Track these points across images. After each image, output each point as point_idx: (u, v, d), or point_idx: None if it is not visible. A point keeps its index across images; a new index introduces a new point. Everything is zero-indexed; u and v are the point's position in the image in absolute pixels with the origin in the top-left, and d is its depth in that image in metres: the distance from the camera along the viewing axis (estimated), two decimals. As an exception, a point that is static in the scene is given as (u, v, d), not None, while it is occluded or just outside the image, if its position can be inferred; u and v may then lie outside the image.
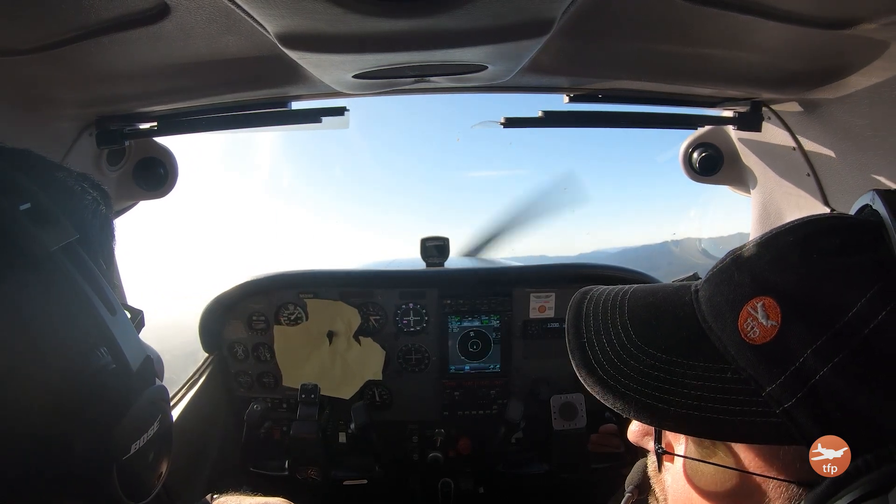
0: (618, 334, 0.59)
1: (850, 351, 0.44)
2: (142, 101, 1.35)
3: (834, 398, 0.45)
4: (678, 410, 0.51)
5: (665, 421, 0.52)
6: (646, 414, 0.53)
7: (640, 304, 0.61)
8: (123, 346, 0.57)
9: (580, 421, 1.83)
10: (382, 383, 2.09)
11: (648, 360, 0.55)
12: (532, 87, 1.43)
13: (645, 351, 0.56)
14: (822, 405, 0.45)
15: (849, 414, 0.45)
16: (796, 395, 0.46)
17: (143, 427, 0.59)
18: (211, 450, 1.93)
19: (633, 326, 0.59)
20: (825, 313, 0.46)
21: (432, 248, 2.17)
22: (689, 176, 1.73)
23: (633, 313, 0.60)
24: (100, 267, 0.62)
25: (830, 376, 0.45)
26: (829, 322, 0.45)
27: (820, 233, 0.51)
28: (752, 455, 0.51)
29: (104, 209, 0.67)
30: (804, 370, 0.46)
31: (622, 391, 0.55)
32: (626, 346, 0.57)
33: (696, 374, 0.52)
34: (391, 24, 0.84)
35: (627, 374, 0.55)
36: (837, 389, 0.45)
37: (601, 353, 0.58)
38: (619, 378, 0.55)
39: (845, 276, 0.47)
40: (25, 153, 0.62)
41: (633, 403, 0.54)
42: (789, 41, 1.01)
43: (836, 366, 0.44)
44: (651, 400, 0.53)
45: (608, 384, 0.56)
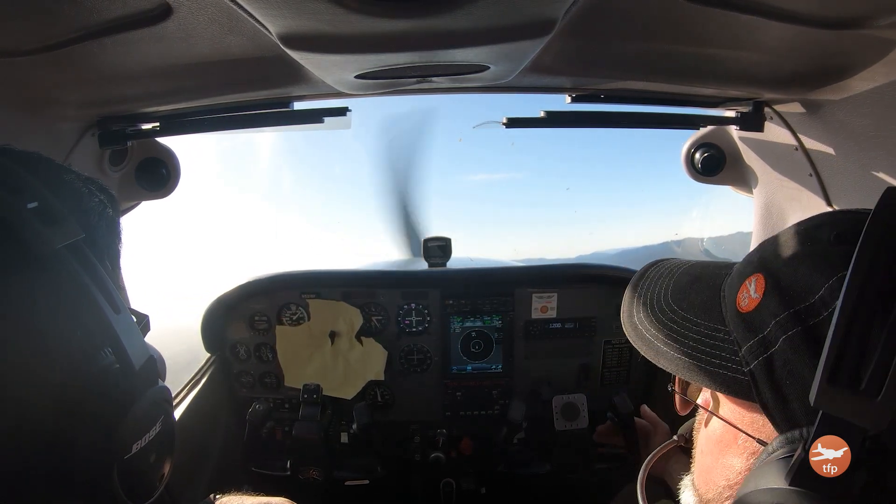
0: (658, 293, 0.70)
1: (803, 328, 0.49)
2: (144, 102, 1.35)
3: (785, 367, 0.50)
4: (674, 354, 0.61)
5: (661, 359, 0.63)
6: (651, 351, 0.65)
7: (686, 273, 0.72)
8: (127, 346, 0.57)
9: (582, 421, 1.83)
10: (384, 384, 2.09)
11: (670, 314, 0.65)
12: (534, 87, 1.43)
13: (671, 307, 0.66)
14: (775, 372, 0.51)
15: (796, 383, 0.49)
16: (758, 359, 0.53)
17: (145, 427, 0.59)
18: (213, 450, 1.93)
19: (672, 289, 0.69)
20: (795, 292, 0.51)
21: (434, 248, 2.17)
22: (691, 176, 1.73)
23: (677, 280, 0.71)
24: (105, 268, 0.62)
25: (785, 347, 0.50)
26: (796, 300, 0.51)
27: (824, 224, 0.55)
28: (732, 410, 0.59)
29: (111, 212, 0.68)
30: (768, 338, 0.52)
31: (642, 331, 0.67)
32: (660, 302, 0.68)
33: (698, 330, 0.61)
34: (393, 25, 0.84)
35: (652, 321, 0.67)
36: (788, 360, 0.50)
37: (640, 304, 0.71)
38: (645, 322, 0.68)
39: (819, 263, 0.51)
40: (34, 155, 0.63)
41: (646, 342, 0.66)
42: (792, 41, 1.01)
43: (789, 338, 0.50)
44: (658, 342, 0.64)
45: (637, 327, 0.69)
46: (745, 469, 0.57)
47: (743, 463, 0.57)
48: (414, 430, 2.11)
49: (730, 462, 0.59)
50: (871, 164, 1.19)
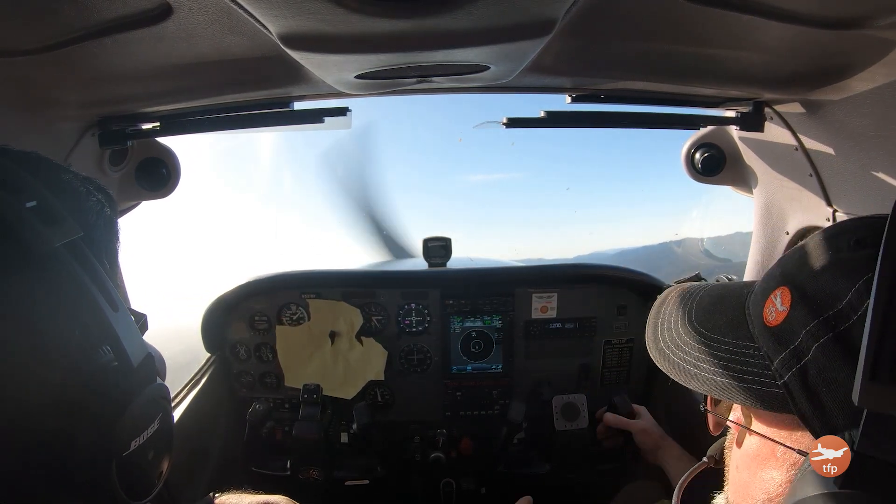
0: (682, 316, 0.71)
1: (834, 334, 0.50)
2: (144, 102, 1.35)
3: (820, 375, 0.50)
4: (706, 375, 0.62)
5: (692, 381, 0.63)
6: (682, 375, 0.65)
7: (708, 295, 0.73)
8: (125, 344, 0.57)
9: (582, 421, 1.84)
10: (384, 384, 2.09)
11: (697, 336, 0.66)
12: (534, 87, 1.43)
13: (697, 329, 0.67)
14: (809, 381, 0.51)
15: (832, 389, 0.49)
16: (791, 370, 0.53)
17: (143, 424, 0.59)
18: (213, 449, 1.93)
19: (696, 311, 0.70)
20: (822, 300, 0.52)
21: (434, 248, 2.17)
22: (691, 176, 1.73)
23: (699, 301, 0.72)
24: (104, 266, 0.63)
25: (818, 355, 0.50)
26: (824, 308, 0.51)
27: (842, 231, 0.56)
28: (768, 424, 0.59)
29: (109, 211, 0.68)
30: (800, 349, 0.52)
31: (669, 355, 0.68)
32: (686, 325, 0.69)
33: (727, 349, 0.61)
34: (393, 25, 0.84)
35: (678, 345, 0.67)
36: (822, 367, 0.50)
37: (665, 327, 0.72)
38: (672, 347, 0.68)
39: (843, 269, 0.52)
40: (33, 155, 0.63)
41: (675, 366, 0.66)
42: (792, 41, 1.01)
43: (821, 346, 0.50)
44: (688, 365, 0.64)
45: (664, 351, 0.69)
46: (787, 481, 0.56)
47: (783, 475, 0.57)
48: (414, 430, 2.11)
49: (769, 476, 0.58)
50: (871, 165, 1.19)
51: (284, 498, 1.03)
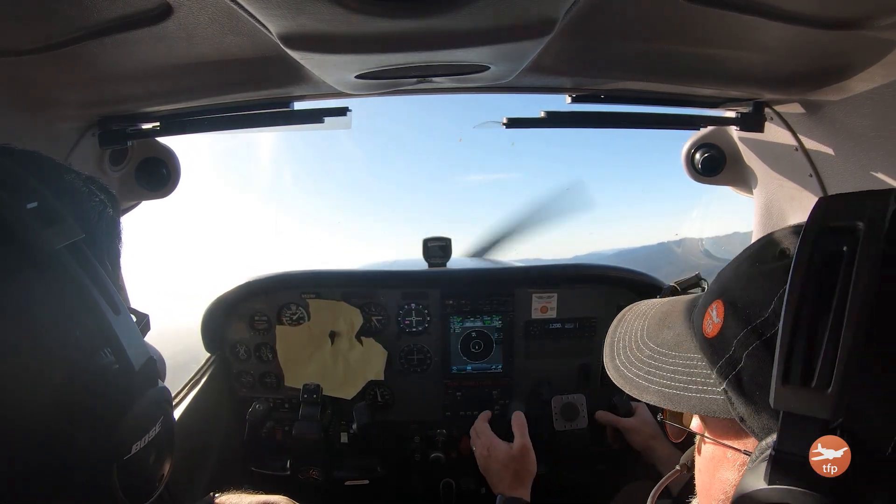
0: (635, 334, 0.75)
1: (762, 341, 0.53)
2: (144, 102, 1.35)
3: (752, 380, 0.53)
4: (657, 388, 0.65)
5: (645, 394, 0.67)
6: (636, 389, 0.68)
7: (658, 311, 0.76)
8: (127, 346, 0.57)
9: (581, 422, 1.84)
10: (384, 383, 2.09)
11: (647, 352, 0.70)
12: (534, 87, 1.43)
13: (647, 345, 0.71)
14: (744, 386, 0.54)
15: (763, 393, 0.51)
16: (728, 378, 0.56)
17: (144, 427, 0.58)
18: (213, 449, 1.93)
19: (647, 328, 0.74)
20: (751, 310, 0.55)
21: (434, 248, 2.17)
22: (691, 176, 1.73)
23: (650, 318, 0.75)
24: (105, 268, 0.62)
25: (749, 362, 0.54)
26: (752, 317, 0.54)
27: (770, 243, 0.60)
28: (718, 429, 0.62)
29: (111, 211, 0.68)
30: (733, 357, 0.55)
31: (624, 372, 0.71)
32: (637, 342, 0.73)
33: (674, 362, 0.65)
34: (393, 25, 0.84)
35: (632, 361, 0.71)
36: (753, 373, 0.53)
37: (620, 346, 0.75)
38: (626, 364, 0.72)
39: (768, 279, 0.55)
40: (34, 155, 0.62)
41: (629, 381, 0.70)
42: (792, 42, 1.01)
43: (750, 353, 0.53)
44: (640, 379, 0.68)
45: (619, 369, 0.72)
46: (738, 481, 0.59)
47: (735, 475, 0.60)
48: (414, 430, 2.11)
49: (724, 476, 0.61)
50: (871, 165, 1.19)
51: (284, 498, 1.03)
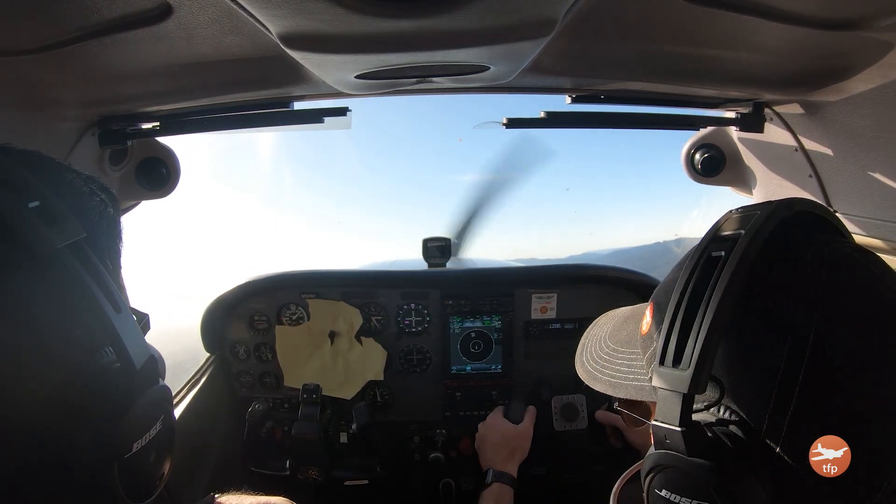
0: (600, 336, 0.84)
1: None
2: (144, 101, 1.35)
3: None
4: (606, 378, 0.75)
5: (597, 384, 0.77)
6: (591, 379, 0.79)
7: (622, 316, 0.85)
8: (128, 345, 0.57)
9: (581, 422, 1.83)
10: (384, 384, 2.09)
11: (606, 349, 0.79)
12: (534, 87, 1.43)
13: (607, 343, 0.80)
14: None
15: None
16: (650, 366, 0.62)
17: (145, 426, 0.59)
18: (212, 449, 1.93)
19: (610, 331, 0.83)
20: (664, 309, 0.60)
21: (434, 248, 2.17)
22: (690, 177, 1.73)
23: (617, 320, 0.84)
24: (107, 267, 0.62)
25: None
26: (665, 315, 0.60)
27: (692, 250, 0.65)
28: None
29: (112, 211, 0.68)
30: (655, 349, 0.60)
31: (585, 365, 0.81)
32: (600, 343, 0.82)
33: (622, 357, 0.75)
34: (393, 25, 0.84)
35: (593, 356, 0.81)
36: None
37: (588, 345, 0.85)
38: (588, 359, 0.82)
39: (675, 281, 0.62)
40: (35, 154, 0.63)
41: (588, 373, 0.80)
42: (792, 42, 1.01)
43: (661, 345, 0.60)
44: (596, 371, 0.78)
45: (584, 364, 0.82)
46: None
47: None
48: (413, 431, 2.11)
49: None
50: (871, 166, 1.19)
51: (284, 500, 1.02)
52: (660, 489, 0.56)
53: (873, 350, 0.51)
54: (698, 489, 0.52)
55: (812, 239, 0.56)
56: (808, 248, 0.55)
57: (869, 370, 0.51)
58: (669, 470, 0.55)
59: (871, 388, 0.51)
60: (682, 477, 0.54)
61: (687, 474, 0.53)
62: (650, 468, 0.57)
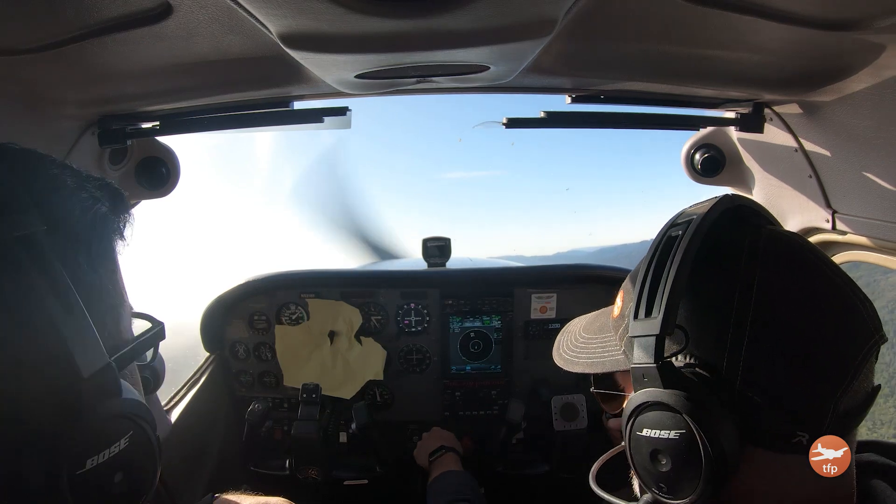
0: (577, 328, 0.92)
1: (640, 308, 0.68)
2: (144, 101, 1.35)
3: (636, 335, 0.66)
4: (583, 360, 0.83)
5: (575, 367, 0.84)
6: (568, 364, 0.86)
7: (591, 315, 0.92)
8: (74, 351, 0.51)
9: (581, 422, 1.83)
10: (383, 383, 2.09)
11: (581, 340, 0.87)
12: (534, 87, 1.43)
13: (582, 335, 0.88)
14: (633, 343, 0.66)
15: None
16: (624, 339, 0.73)
17: (102, 442, 0.53)
18: (212, 449, 1.93)
19: (584, 324, 0.91)
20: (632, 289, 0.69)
21: (434, 248, 2.17)
22: (690, 177, 1.73)
23: (591, 316, 0.92)
24: (78, 265, 0.58)
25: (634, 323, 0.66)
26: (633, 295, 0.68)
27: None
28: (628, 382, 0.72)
29: (104, 209, 0.63)
30: (626, 325, 0.68)
31: (563, 354, 0.89)
32: (575, 334, 0.90)
33: (597, 343, 0.82)
34: (393, 25, 0.84)
35: (570, 347, 0.88)
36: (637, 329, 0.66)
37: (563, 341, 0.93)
38: (565, 350, 0.89)
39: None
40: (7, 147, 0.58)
41: (565, 360, 0.87)
42: (791, 43, 1.01)
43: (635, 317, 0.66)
44: (572, 357, 0.86)
45: (561, 353, 0.90)
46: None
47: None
48: (413, 430, 2.11)
49: None
50: (871, 166, 1.19)
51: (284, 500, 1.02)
52: (640, 430, 0.63)
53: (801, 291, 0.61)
54: (675, 421, 0.59)
55: (751, 222, 0.67)
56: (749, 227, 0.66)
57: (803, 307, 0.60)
58: (647, 409, 0.62)
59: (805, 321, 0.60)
60: (660, 412, 0.61)
61: (664, 407, 0.60)
62: (631, 412, 0.64)
